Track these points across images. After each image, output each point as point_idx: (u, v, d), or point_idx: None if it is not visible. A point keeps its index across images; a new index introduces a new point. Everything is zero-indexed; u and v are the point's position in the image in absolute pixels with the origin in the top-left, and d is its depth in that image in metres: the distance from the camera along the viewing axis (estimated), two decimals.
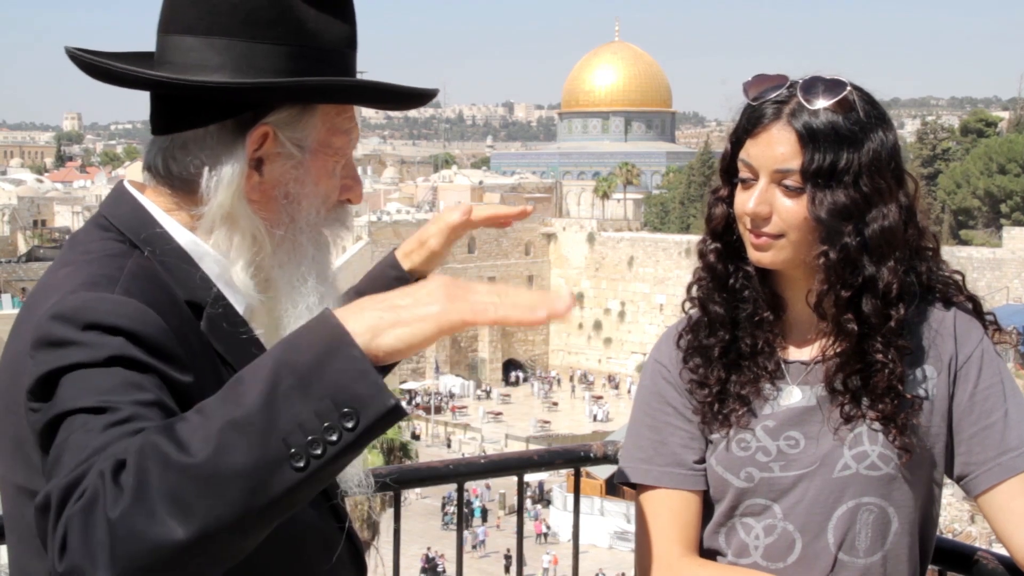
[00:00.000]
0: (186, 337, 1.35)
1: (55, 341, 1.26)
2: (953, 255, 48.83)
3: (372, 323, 1.12)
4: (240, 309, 1.48)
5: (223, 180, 1.44)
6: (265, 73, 1.44)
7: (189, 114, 1.45)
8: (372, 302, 1.15)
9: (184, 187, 1.48)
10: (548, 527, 36.06)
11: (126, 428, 1.15)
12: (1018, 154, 68.93)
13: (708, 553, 1.92)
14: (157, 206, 1.49)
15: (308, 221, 1.50)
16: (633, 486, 1.95)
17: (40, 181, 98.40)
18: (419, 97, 1.57)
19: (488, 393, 65.69)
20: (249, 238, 1.47)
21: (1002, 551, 1.89)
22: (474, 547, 33.76)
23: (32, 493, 1.28)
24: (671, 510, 1.89)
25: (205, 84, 1.42)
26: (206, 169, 1.45)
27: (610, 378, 69.29)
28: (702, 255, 1.91)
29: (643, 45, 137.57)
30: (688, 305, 1.94)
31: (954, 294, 1.85)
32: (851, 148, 1.74)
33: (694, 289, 1.93)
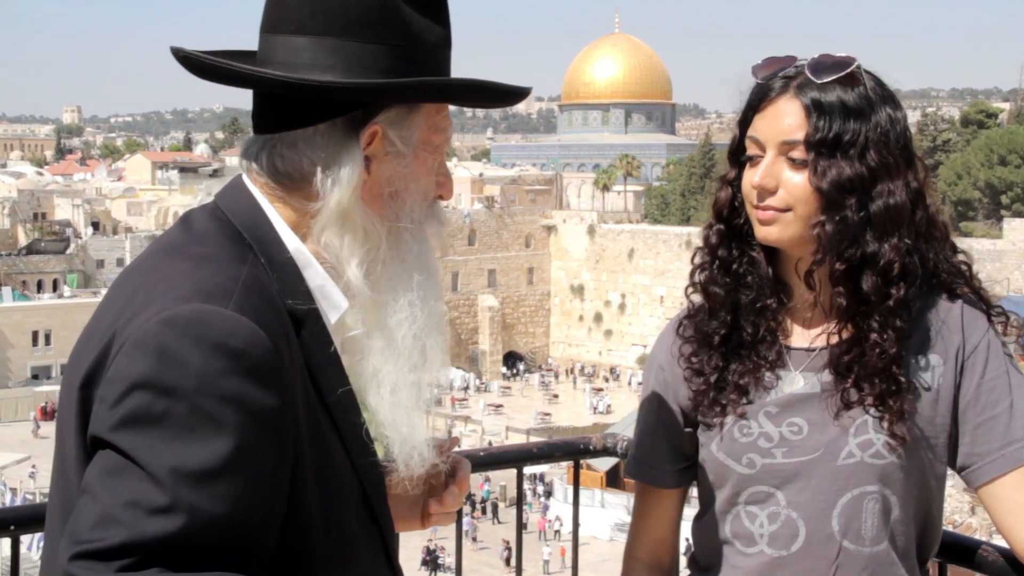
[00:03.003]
0: (288, 355, 1.37)
1: (161, 352, 1.28)
2: None
3: None
4: (333, 319, 1.50)
5: (341, 180, 1.46)
6: (372, 73, 1.46)
7: (299, 113, 1.46)
8: None
9: (291, 184, 1.49)
10: (561, 522, 35.95)
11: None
12: (1019, 145, 68.90)
13: (712, 542, 1.92)
14: (272, 206, 1.50)
15: (411, 218, 1.53)
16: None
17: (40, 174, 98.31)
18: (516, 95, 1.59)
19: (486, 387, 65.69)
20: (362, 235, 1.49)
21: (1002, 543, 1.88)
22: (474, 539, 33.82)
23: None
24: (645, 505, 2.07)
25: (329, 84, 1.44)
26: (319, 168, 1.46)
27: (611, 370, 69.37)
28: (706, 238, 1.91)
29: (643, 37, 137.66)
30: (690, 290, 1.94)
31: (959, 285, 1.84)
32: (858, 121, 1.74)
33: (697, 274, 1.92)
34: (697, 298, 1.93)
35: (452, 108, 1.63)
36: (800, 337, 1.87)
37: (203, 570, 1.23)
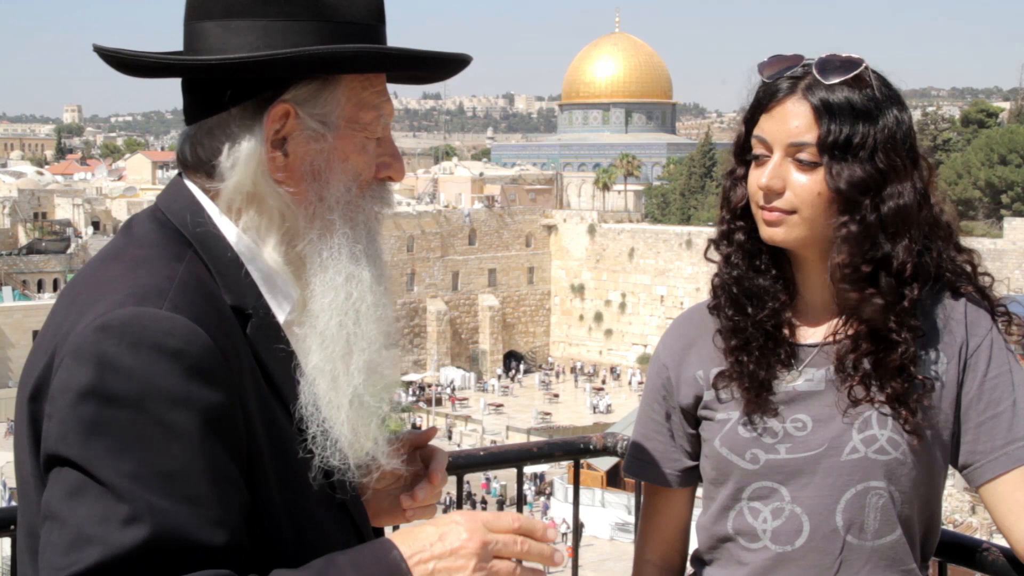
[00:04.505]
0: (231, 349, 1.35)
1: (100, 360, 1.25)
2: None
3: None
4: (282, 316, 1.47)
5: (240, 158, 1.43)
6: (280, 50, 1.42)
7: (211, 99, 1.44)
8: (413, 552, 1.33)
9: (210, 171, 1.46)
10: (568, 524, 35.90)
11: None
12: (1019, 145, 68.87)
13: (715, 538, 1.93)
14: (210, 201, 1.47)
15: (338, 199, 1.47)
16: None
17: (40, 173, 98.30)
18: (447, 64, 1.53)
19: (484, 387, 65.67)
20: (278, 217, 1.46)
21: (1003, 542, 1.88)
22: None
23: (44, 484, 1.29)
24: (654, 506, 2.08)
25: (201, 63, 1.41)
26: (224, 148, 1.44)
27: (612, 370, 69.34)
28: (726, 235, 1.89)
29: (643, 36, 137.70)
30: (719, 288, 1.91)
31: (963, 284, 1.84)
32: (866, 123, 1.74)
33: (724, 272, 1.90)
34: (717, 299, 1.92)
35: (449, 105, 1.59)
36: (805, 334, 1.87)
37: (187, 571, 1.21)
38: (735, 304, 1.87)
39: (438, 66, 1.54)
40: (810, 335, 1.87)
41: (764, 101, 1.80)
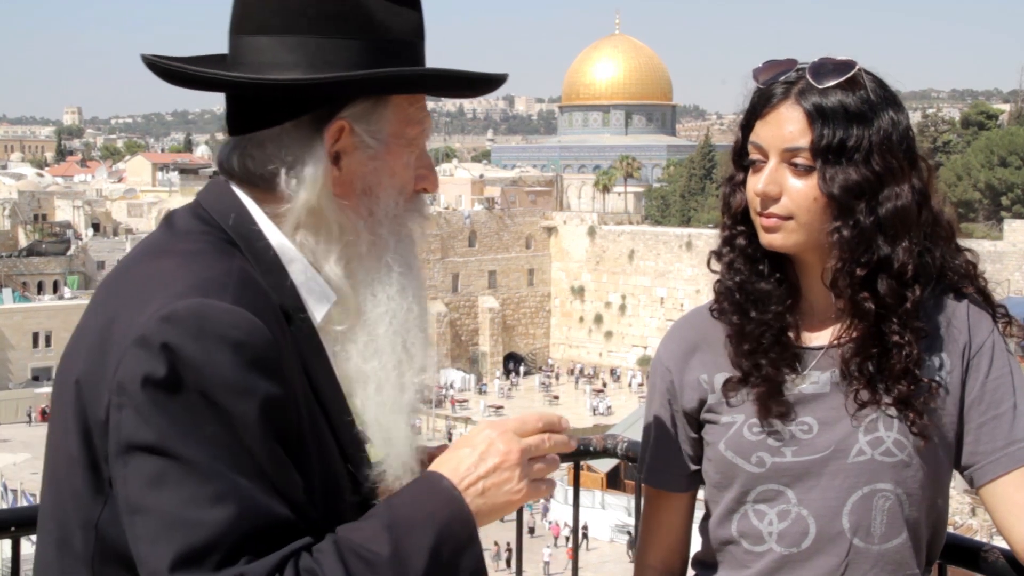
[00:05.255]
0: (285, 345, 1.38)
1: (166, 349, 1.29)
2: None
3: (478, 511, 1.42)
4: (319, 316, 1.49)
5: (306, 179, 1.45)
6: (337, 68, 1.45)
7: (265, 113, 1.46)
8: (461, 477, 1.41)
9: (263, 185, 1.48)
10: (572, 529, 35.90)
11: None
12: (1019, 147, 68.90)
13: (719, 542, 1.92)
14: (253, 203, 1.49)
15: (387, 213, 1.51)
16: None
17: (40, 175, 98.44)
18: (489, 82, 1.58)
19: (482, 388, 65.65)
20: (337, 231, 1.48)
21: (1003, 544, 1.88)
22: None
23: (91, 472, 1.34)
24: (656, 511, 2.06)
25: (279, 82, 1.43)
26: (283, 169, 1.46)
27: (612, 371, 69.34)
28: (728, 241, 1.89)
29: (643, 38, 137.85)
30: (722, 294, 1.90)
31: (965, 285, 1.84)
32: (861, 125, 1.73)
33: (726, 277, 1.89)
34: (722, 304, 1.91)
35: (449, 106, 1.61)
36: (810, 336, 1.87)
37: (273, 545, 1.26)
38: (740, 309, 1.86)
39: (483, 85, 1.58)
40: (814, 338, 1.86)
41: (759, 107, 1.80)
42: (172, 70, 1.49)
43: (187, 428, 1.26)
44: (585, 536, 34.94)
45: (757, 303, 1.85)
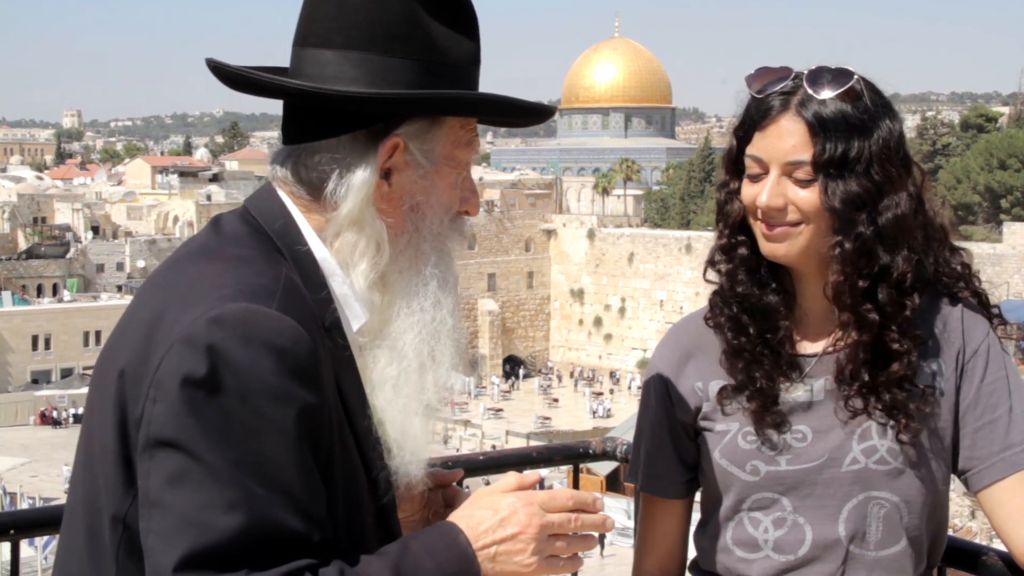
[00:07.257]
0: (323, 355, 1.40)
1: (211, 350, 1.31)
2: None
3: (485, 574, 1.42)
4: (355, 326, 1.53)
5: (353, 186, 1.49)
6: (397, 86, 1.49)
7: (323, 124, 1.50)
8: (477, 537, 1.42)
9: (315, 193, 1.52)
10: None
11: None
12: (1018, 149, 68.90)
13: (714, 549, 1.92)
14: (300, 214, 1.53)
15: (431, 231, 1.55)
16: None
17: (40, 178, 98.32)
18: (540, 114, 1.63)
19: (480, 392, 65.60)
20: (373, 245, 1.51)
21: (1002, 547, 1.88)
22: None
23: (125, 467, 1.36)
24: (652, 518, 2.05)
25: (343, 94, 1.47)
26: (335, 174, 1.49)
27: (611, 374, 69.30)
28: (727, 250, 1.87)
29: (643, 41, 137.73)
30: (718, 307, 1.89)
31: (960, 289, 1.83)
32: (861, 137, 1.73)
33: (727, 290, 1.87)
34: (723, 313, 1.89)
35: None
36: (805, 344, 1.86)
37: (278, 559, 1.27)
38: (736, 324, 1.85)
39: (535, 115, 1.64)
40: (809, 345, 1.86)
41: (757, 119, 1.78)
42: (237, 75, 1.52)
43: (216, 431, 1.28)
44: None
45: (759, 318, 1.84)
